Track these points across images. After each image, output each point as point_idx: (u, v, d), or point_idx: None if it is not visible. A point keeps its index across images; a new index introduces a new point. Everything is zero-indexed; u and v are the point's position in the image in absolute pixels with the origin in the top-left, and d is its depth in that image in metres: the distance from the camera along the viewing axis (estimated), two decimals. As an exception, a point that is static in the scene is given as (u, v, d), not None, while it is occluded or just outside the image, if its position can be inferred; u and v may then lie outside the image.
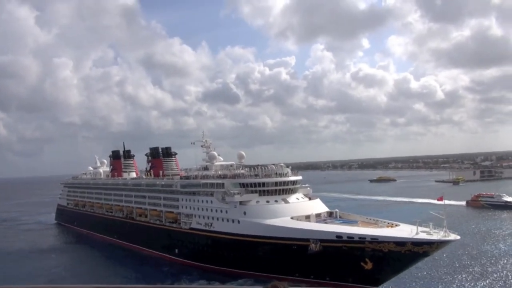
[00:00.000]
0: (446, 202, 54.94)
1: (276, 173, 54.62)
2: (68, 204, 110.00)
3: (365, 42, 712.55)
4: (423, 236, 40.60)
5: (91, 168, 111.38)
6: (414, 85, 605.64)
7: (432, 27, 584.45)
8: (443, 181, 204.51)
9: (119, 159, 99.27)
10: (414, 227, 42.08)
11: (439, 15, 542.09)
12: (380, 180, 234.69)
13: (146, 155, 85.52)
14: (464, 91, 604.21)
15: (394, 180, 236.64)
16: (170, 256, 62.26)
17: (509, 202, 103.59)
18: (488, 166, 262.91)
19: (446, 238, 40.07)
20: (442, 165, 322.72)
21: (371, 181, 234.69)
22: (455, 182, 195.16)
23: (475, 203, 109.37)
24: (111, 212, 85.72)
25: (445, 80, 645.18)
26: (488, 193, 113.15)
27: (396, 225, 45.73)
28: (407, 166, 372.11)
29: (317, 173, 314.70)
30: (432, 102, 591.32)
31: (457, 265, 52.11)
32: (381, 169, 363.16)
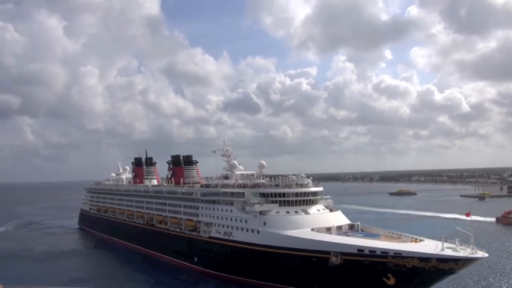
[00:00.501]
0: (475, 218, 53.04)
1: (297, 184, 54.06)
2: (90, 209, 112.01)
3: (388, 53, 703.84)
4: (448, 252, 39.04)
5: (114, 175, 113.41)
6: (438, 97, 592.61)
7: (457, 39, 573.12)
8: (468, 196, 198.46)
9: (141, 166, 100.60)
10: (439, 243, 40.50)
11: (464, 26, 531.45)
12: (400, 193, 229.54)
13: (167, 162, 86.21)
14: (490, 103, 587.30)
15: (414, 193, 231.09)
16: (188, 264, 62.23)
17: None
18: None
19: (474, 256, 38.45)
20: (467, 180, 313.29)
21: (391, 194, 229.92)
22: (481, 197, 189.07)
23: (506, 220, 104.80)
24: (132, 218, 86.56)
25: (470, 92, 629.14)
26: None
27: (420, 240, 44.24)
28: (431, 180, 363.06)
29: (337, 185, 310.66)
30: (456, 114, 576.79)
31: (483, 284, 49.92)
32: (404, 182, 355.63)
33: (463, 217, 51.35)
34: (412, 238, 45.55)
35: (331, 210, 55.40)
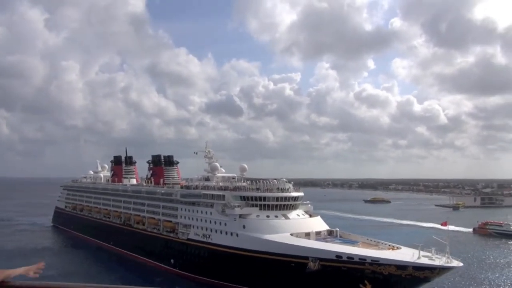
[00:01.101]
0: (452, 228, 54.07)
1: (278, 188, 54.20)
2: (66, 207, 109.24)
3: (371, 63, 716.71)
4: (425, 261, 39.81)
5: (92, 172, 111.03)
6: (417, 108, 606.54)
7: (437, 52, 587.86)
8: (443, 206, 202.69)
9: (120, 164, 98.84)
10: (416, 251, 41.26)
11: (444, 40, 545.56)
12: (374, 201, 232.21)
13: (147, 162, 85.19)
14: (467, 116, 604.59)
15: (388, 201, 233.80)
16: (165, 266, 61.28)
17: None
18: (489, 193, 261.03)
19: (449, 265, 39.30)
20: (442, 190, 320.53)
21: (366, 201, 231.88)
22: (455, 208, 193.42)
23: (483, 231, 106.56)
24: (109, 217, 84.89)
25: (448, 104, 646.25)
26: (496, 222, 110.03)
27: (398, 248, 44.95)
28: (408, 189, 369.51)
29: (317, 190, 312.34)
30: (434, 126, 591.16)
31: None
32: (382, 190, 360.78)
33: (440, 226, 52.35)
34: (389, 245, 46.17)
35: (310, 216, 55.64)
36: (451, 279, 53.11)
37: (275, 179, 57.11)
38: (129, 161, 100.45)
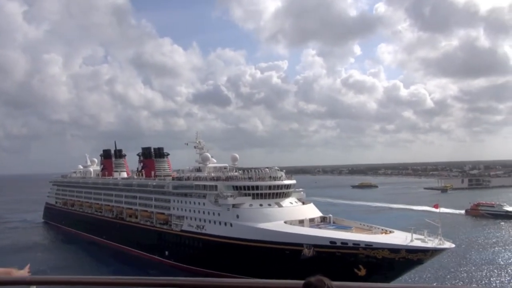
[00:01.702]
0: (444, 210, 54.81)
1: (270, 177, 54.19)
2: (56, 202, 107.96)
3: (357, 49, 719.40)
4: (417, 243, 40.33)
5: (81, 167, 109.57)
6: (404, 93, 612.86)
7: (421, 36, 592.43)
8: (431, 188, 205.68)
9: (110, 158, 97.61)
10: (408, 234, 41.79)
11: (428, 24, 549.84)
12: (362, 186, 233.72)
13: (138, 155, 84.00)
14: (452, 100, 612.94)
15: (376, 186, 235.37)
16: (159, 258, 61.23)
17: (510, 212, 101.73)
18: (476, 174, 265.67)
19: (441, 246, 39.89)
20: (431, 173, 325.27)
21: (353, 187, 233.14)
22: (443, 190, 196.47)
23: (475, 212, 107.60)
24: (101, 212, 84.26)
25: (434, 88, 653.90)
26: (488, 202, 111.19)
27: (390, 232, 45.42)
28: (397, 173, 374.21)
29: (307, 178, 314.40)
30: (421, 110, 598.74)
31: (442, 272, 51.54)
32: (371, 175, 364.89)
33: (432, 209, 53.10)
34: (382, 229, 46.70)
35: (303, 203, 55.87)
36: (445, 260, 54.07)
37: (267, 167, 57.00)
38: (119, 154, 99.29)
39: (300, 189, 58.73)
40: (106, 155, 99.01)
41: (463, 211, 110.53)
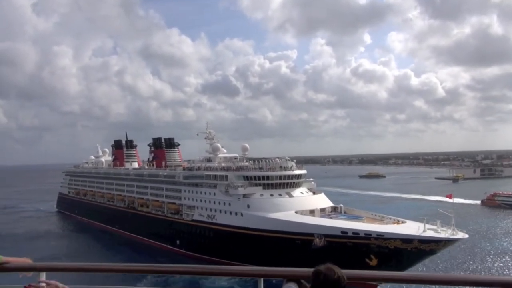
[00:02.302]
0: (460, 200, 54.01)
1: (281, 167, 54.01)
2: (69, 192, 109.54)
3: (367, 38, 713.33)
4: (430, 233, 39.94)
5: (93, 157, 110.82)
6: (415, 81, 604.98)
7: (432, 24, 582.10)
8: (443, 178, 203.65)
9: (121, 148, 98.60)
10: (421, 224, 41.33)
11: (439, 11, 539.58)
12: (369, 176, 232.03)
13: (148, 145, 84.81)
14: (464, 89, 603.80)
15: (383, 176, 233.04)
16: (171, 247, 61.77)
17: None
18: (488, 164, 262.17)
19: (454, 237, 39.39)
20: (442, 162, 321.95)
21: (361, 176, 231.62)
22: (455, 180, 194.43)
23: (491, 202, 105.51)
24: (113, 201, 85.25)
25: (445, 77, 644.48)
26: (505, 192, 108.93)
27: (403, 222, 45.09)
28: (408, 163, 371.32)
29: (317, 168, 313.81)
30: (432, 99, 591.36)
31: (451, 262, 51.11)
32: (382, 165, 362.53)
33: (445, 199, 52.44)
34: (394, 220, 46.38)
35: (314, 193, 55.73)
36: (450, 251, 53.49)
37: (278, 157, 56.94)
38: (130, 144, 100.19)
39: (311, 179, 58.54)
40: (117, 146, 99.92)
41: (478, 202, 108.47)
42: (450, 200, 43.75)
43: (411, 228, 42.08)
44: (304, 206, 50.11)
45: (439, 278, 4.04)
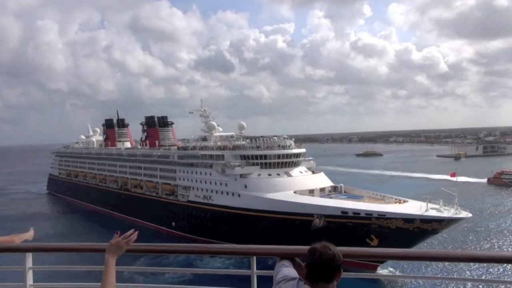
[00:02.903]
0: (464, 179, 54.11)
1: (279, 145, 53.92)
2: (60, 173, 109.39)
3: (367, 9, 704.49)
4: (432, 213, 40.23)
5: (83, 137, 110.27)
6: (416, 56, 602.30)
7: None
8: (444, 156, 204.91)
9: (113, 128, 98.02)
10: (423, 204, 41.56)
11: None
12: (366, 155, 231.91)
13: (141, 124, 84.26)
14: (468, 63, 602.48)
15: (380, 154, 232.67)
16: (166, 229, 62.34)
17: None
18: (491, 141, 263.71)
19: (457, 216, 39.70)
20: (444, 140, 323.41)
21: (358, 155, 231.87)
22: (457, 157, 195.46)
23: (498, 181, 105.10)
24: (105, 183, 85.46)
25: (448, 51, 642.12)
26: None
27: (404, 201, 45.38)
28: (409, 140, 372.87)
29: (316, 146, 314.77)
30: (434, 74, 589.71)
31: (451, 242, 51.79)
32: (382, 143, 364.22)
33: (448, 177, 52.71)
34: (396, 199, 46.61)
35: (313, 172, 55.83)
36: (452, 230, 54.14)
37: (275, 136, 56.78)
38: (122, 123, 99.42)
39: (310, 158, 58.65)
40: (108, 125, 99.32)
41: (483, 180, 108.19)
42: (454, 179, 43.92)
43: (413, 207, 42.34)
44: (303, 186, 50.22)
45: (437, 254, 4.16)
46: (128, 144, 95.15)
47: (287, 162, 53.10)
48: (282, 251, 4.26)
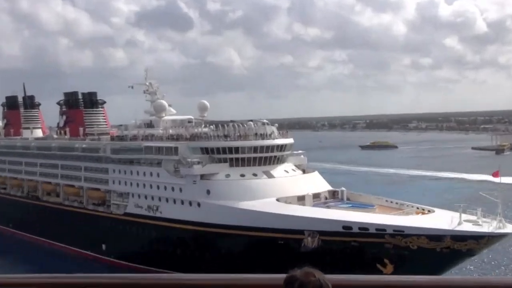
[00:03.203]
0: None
1: (256, 134, 53.94)
2: None
3: None
4: (468, 227, 40.81)
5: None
6: (445, 10, 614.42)
7: None
8: (481, 149, 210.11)
9: (17, 109, 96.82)
10: (455, 215, 42.25)
11: None
12: (374, 146, 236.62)
13: (58, 103, 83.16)
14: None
15: (395, 146, 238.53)
16: (94, 254, 62.42)
17: None
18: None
19: (501, 231, 40.46)
20: (482, 126, 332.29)
21: (363, 147, 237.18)
22: (499, 150, 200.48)
23: None
24: (4, 188, 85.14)
25: (488, 5, 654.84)
26: None
27: (429, 212, 46.13)
28: (434, 127, 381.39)
29: (307, 134, 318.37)
30: (469, 36, 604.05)
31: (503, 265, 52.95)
32: (398, 130, 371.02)
33: (489, 177, 53.55)
34: (418, 208, 47.43)
35: (304, 171, 56.45)
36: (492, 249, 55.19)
37: (251, 120, 57.01)
38: (30, 103, 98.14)
39: (300, 152, 59.24)
40: (10, 105, 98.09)
41: None
42: (497, 180, 44.54)
43: (441, 220, 42.93)
44: (289, 191, 50.51)
45: (476, 282, 4.19)
46: (39, 133, 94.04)
47: (267, 158, 53.23)
48: (251, 281, 4.25)
